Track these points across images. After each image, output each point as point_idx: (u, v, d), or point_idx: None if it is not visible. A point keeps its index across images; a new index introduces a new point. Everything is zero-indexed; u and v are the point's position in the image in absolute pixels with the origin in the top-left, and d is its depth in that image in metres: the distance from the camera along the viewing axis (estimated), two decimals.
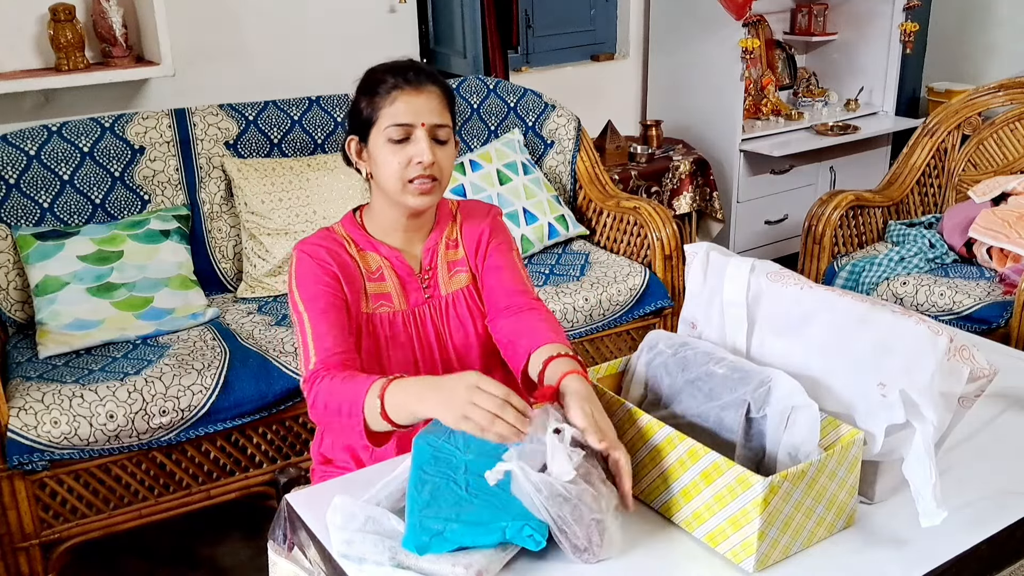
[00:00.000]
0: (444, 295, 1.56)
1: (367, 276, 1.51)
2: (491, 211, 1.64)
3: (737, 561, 1.14)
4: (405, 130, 1.44)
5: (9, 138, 2.53)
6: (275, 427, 2.31)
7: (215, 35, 3.12)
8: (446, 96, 1.49)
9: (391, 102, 1.44)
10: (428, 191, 1.45)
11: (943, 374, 1.17)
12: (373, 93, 1.46)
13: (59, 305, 2.34)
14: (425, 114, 1.44)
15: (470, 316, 1.57)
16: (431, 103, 1.46)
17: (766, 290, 1.34)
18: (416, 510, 1.14)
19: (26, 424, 2.02)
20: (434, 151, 1.44)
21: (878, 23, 4.29)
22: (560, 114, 3.24)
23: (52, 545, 2.13)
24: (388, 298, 1.52)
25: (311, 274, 1.46)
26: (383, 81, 1.46)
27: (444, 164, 1.47)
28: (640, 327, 2.83)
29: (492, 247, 1.59)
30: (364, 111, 1.48)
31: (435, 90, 1.47)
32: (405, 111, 1.44)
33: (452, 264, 1.58)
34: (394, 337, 1.52)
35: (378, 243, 1.53)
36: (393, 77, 1.45)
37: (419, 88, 1.45)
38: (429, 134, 1.45)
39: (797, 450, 1.17)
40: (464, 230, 1.60)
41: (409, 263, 1.54)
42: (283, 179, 2.71)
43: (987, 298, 2.60)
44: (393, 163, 1.44)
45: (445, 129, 1.47)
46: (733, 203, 4.03)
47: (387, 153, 1.45)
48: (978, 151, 3.20)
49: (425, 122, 1.44)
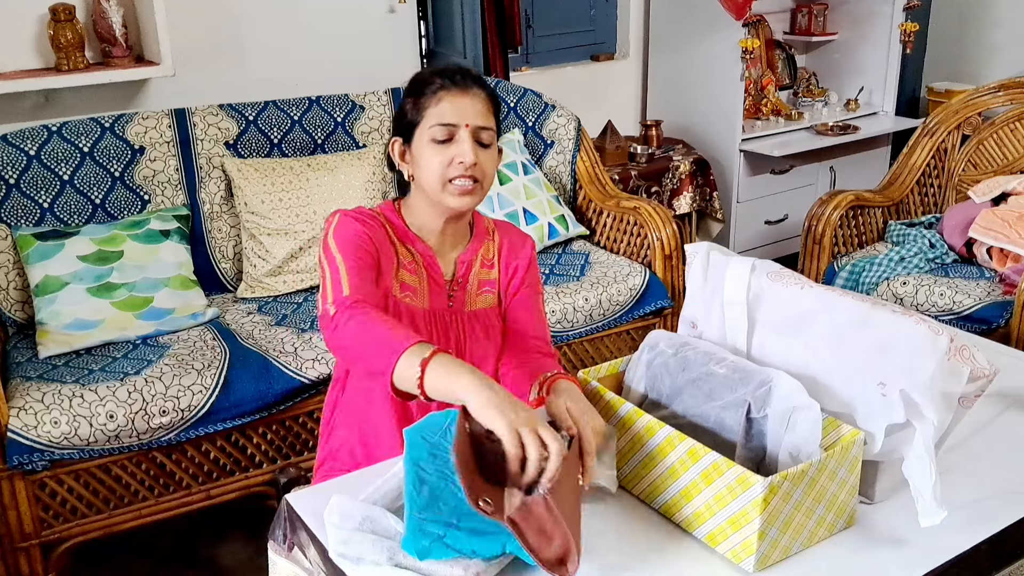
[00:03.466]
0: (468, 310, 1.56)
1: (403, 263, 1.51)
2: (528, 241, 1.64)
3: (737, 561, 1.14)
4: (449, 130, 1.44)
5: (9, 138, 2.53)
6: (275, 427, 2.31)
7: (215, 35, 3.12)
8: (491, 100, 1.49)
9: (436, 102, 1.45)
10: (468, 191, 1.45)
11: (943, 374, 1.17)
12: (419, 94, 1.47)
13: (59, 305, 2.34)
14: (470, 115, 1.45)
15: (490, 336, 1.57)
16: (476, 105, 1.46)
17: (766, 290, 1.34)
18: (415, 511, 1.13)
19: (26, 424, 2.02)
20: (477, 153, 1.44)
21: (878, 23, 4.29)
22: (560, 114, 3.24)
23: (52, 545, 2.13)
24: (414, 291, 1.52)
25: (352, 231, 1.44)
26: (430, 83, 1.47)
27: (486, 167, 1.46)
28: (640, 327, 2.83)
29: (526, 285, 1.60)
30: (409, 112, 1.48)
31: (481, 93, 1.47)
32: (450, 111, 1.44)
33: (483, 283, 1.58)
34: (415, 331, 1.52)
35: (415, 237, 1.53)
36: (440, 79, 1.46)
37: (465, 90, 1.45)
38: (473, 136, 1.44)
39: (798, 450, 1.17)
40: (502, 253, 1.60)
41: (441, 266, 1.54)
42: (283, 179, 2.71)
43: (987, 298, 2.60)
44: (435, 162, 1.44)
45: (489, 132, 1.47)
46: (733, 203, 4.03)
47: (430, 153, 1.45)
48: (978, 151, 3.20)
49: (469, 123, 1.44)
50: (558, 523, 1.07)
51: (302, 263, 2.70)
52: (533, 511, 1.08)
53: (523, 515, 1.08)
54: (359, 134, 2.97)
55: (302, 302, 2.63)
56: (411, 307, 1.51)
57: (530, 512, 1.08)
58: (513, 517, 1.07)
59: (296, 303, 2.63)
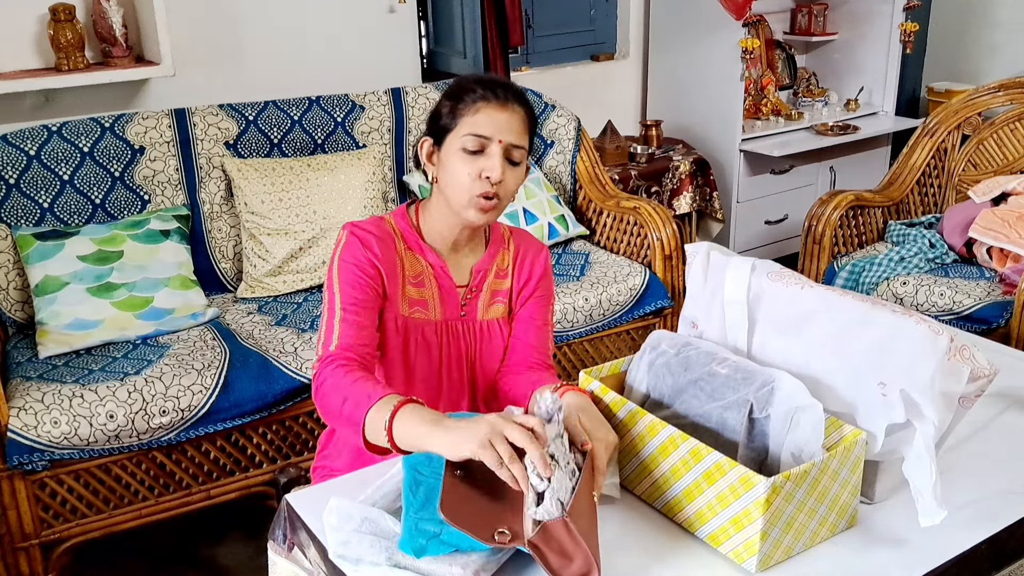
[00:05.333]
0: (480, 319, 1.56)
1: (408, 279, 1.50)
2: (543, 251, 1.63)
3: (739, 561, 1.14)
4: (481, 142, 1.42)
5: (9, 138, 2.52)
6: (275, 427, 2.31)
7: (215, 35, 3.12)
8: (529, 119, 1.48)
9: (474, 112, 1.43)
10: (490, 208, 1.44)
11: (943, 374, 1.17)
12: (458, 100, 1.45)
13: (59, 305, 2.34)
14: (505, 131, 1.43)
15: (502, 346, 1.57)
16: (513, 122, 1.44)
17: (767, 290, 1.34)
18: (412, 512, 1.14)
19: (26, 424, 2.02)
20: (505, 170, 1.43)
21: (878, 23, 4.29)
22: (560, 114, 3.24)
23: (52, 545, 2.13)
24: (425, 305, 1.51)
25: (356, 261, 1.44)
26: (471, 90, 1.45)
27: (511, 185, 1.45)
28: (640, 327, 2.83)
29: (536, 296, 1.59)
30: (444, 116, 1.46)
31: (520, 111, 1.45)
32: (486, 123, 1.42)
33: (495, 293, 1.57)
34: (425, 345, 1.51)
35: (427, 248, 1.52)
36: (482, 88, 1.44)
37: (504, 104, 1.44)
38: (504, 152, 1.43)
39: (800, 450, 1.17)
40: (517, 263, 1.59)
41: (453, 275, 1.53)
42: (283, 179, 2.71)
43: (987, 298, 2.60)
44: (463, 173, 1.42)
45: (520, 151, 1.45)
46: (733, 203, 4.03)
47: (458, 161, 1.43)
48: (978, 151, 3.20)
49: (503, 139, 1.43)
50: (578, 543, 1.07)
51: (302, 263, 2.69)
52: (553, 533, 1.08)
53: (544, 539, 1.07)
54: (359, 134, 2.97)
55: (302, 302, 2.63)
56: (421, 322, 1.51)
57: (550, 535, 1.07)
58: (534, 542, 1.07)
59: (296, 303, 2.63)
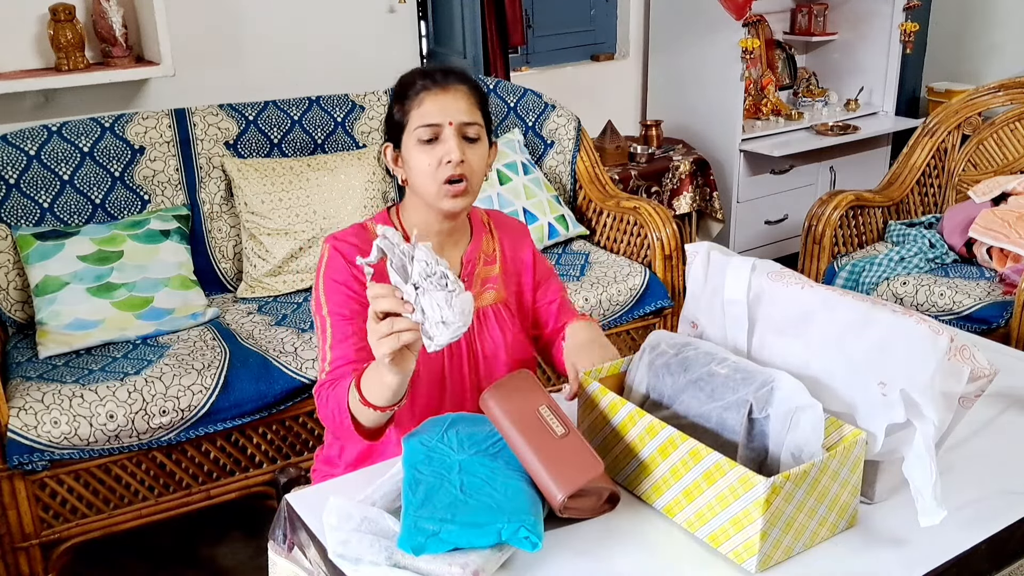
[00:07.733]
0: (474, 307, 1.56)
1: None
2: (525, 232, 1.66)
3: (739, 561, 1.14)
4: (433, 130, 1.43)
5: (9, 138, 2.52)
6: (275, 427, 2.31)
7: (215, 35, 3.12)
8: (475, 94, 1.48)
9: (419, 103, 1.44)
10: (461, 192, 1.44)
11: (943, 374, 1.17)
12: (403, 97, 1.46)
13: (59, 305, 2.34)
14: (452, 112, 1.43)
15: (500, 331, 1.57)
16: (458, 101, 1.44)
17: (767, 289, 1.34)
18: (411, 511, 1.14)
19: (26, 424, 2.02)
20: (463, 149, 1.43)
21: (878, 23, 4.29)
22: (560, 114, 3.24)
23: (52, 545, 2.13)
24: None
25: (341, 279, 1.46)
26: (412, 84, 1.46)
27: (475, 163, 1.45)
28: (640, 327, 2.83)
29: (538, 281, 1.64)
30: (396, 115, 1.48)
31: (462, 88, 1.46)
32: (432, 110, 1.43)
33: (485, 280, 1.57)
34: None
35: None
36: (421, 79, 1.46)
37: (446, 87, 1.44)
38: (458, 132, 1.43)
39: (800, 450, 1.17)
40: (503, 248, 1.60)
41: None
42: (283, 179, 2.71)
43: (987, 298, 2.60)
44: (424, 164, 1.43)
45: (475, 127, 1.46)
46: (733, 203, 4.03)
47: (418, 154, 1.44)
48: (978, 151, 3.20)
49: (453, 120, 1.43)
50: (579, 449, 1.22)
51: (302, 263, 2.69)
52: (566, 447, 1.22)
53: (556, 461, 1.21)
54: (359, 134, 2.97)
55: (302, 302, 2.63)
56: None
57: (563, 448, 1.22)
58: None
59: (296, 303, 2.63)
